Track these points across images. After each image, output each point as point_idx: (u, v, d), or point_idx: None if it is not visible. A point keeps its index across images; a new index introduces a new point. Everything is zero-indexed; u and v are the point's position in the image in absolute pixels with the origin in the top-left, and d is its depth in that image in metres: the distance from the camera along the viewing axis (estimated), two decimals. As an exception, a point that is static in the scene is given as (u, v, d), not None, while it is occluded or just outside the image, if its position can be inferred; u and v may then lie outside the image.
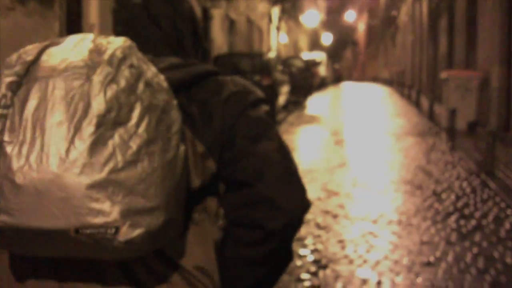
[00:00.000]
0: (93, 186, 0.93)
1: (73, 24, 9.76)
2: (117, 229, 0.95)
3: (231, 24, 20.75)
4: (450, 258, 4.54)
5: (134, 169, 0.96)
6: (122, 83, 0.98)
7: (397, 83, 27.77)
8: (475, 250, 4.70)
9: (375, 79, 49.60)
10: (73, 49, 1.02)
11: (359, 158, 9.05)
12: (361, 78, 60.67)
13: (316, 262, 4.49)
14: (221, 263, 1.19)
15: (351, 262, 4.50)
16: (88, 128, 0.94)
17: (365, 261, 4.50)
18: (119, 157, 0.95)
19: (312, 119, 15.07)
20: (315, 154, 9.55)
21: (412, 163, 8.57)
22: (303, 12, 39.63)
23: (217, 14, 17.65)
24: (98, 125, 0.94)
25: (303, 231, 5.29)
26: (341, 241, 4.99)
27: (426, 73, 22.53)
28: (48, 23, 8.60)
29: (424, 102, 18.09)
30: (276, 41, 23.72)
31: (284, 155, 1.25)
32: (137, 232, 0.96)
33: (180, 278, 1.13)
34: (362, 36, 71.75)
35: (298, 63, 24.84)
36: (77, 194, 0.93)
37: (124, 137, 0.96)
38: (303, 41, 48.27)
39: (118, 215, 0.94)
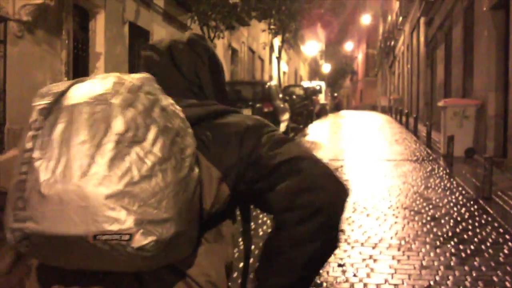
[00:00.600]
0: (111, 196, 1.03)
1: (80, 52, 9.95)
2: (131, 236, 1.04)
3: (233, 53, 21.02)
4: (450, 282, 4.60)
5: (149, 183, 1.06)
6: (140, 107, 1.11)
7: (395, 110, 27.98)
8: (474, 274, 4.76)
9: (373, 107, 49.91)
10: (99, 82, 1.16)
11: (359, 184, 9.12)
12: (360, 106, 61.01)
13: (317, 286, 4.55)
14: (278, 250, 1.23)
15: (352, 286, 4.55)
16: (108, 145, 1.06)
17: (365, 285, 4.56)
18: (135, 172, 1.06)
19: (312, 145, 15.18)
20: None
21: (410, 188, 8.64)
22: (303, 42, 40.08)
23: (219, 44, 17.91)
24: (117, 143, 1.06)
25: (304, 255, 5.35)
26: (341, 265, 5.05)
27: (423, 101, 22.74)
28: (55, 51, 8.77)
29: (422, 129, 18.24)
30: (277, 69, 23.96)
31: (306, 149, 1.35)
32: (149, 239, 1.05)
33: None
34: (360, 65, 72.40)
35: (298, 91, 25.08)
36: (96, 203, 1.03)
37: (140, 154, 1.07)
38: (303, 70, 48.69)
39: (132, 224, 1.04)
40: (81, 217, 1.03)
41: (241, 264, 1.48)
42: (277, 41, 26.05)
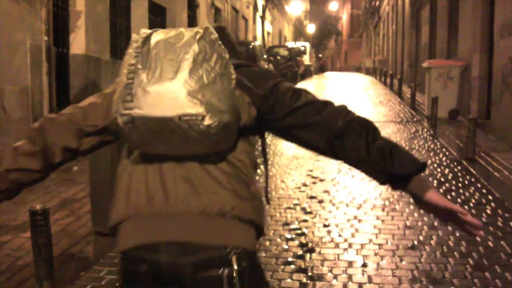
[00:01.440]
0: (190, 92, 1.55)
1: (60, 11, 9.70)
2: (203, 118, 1.55)
3: (216, 12, 20.70)
4: (433, 242, 4.65)
5: (213, 86, 1.58)
6: (208, 40, 1.63)
7: (379, 72, 27.94)
8: (457, 234, 4.82)
9: (358, 68, 49.81)
10: (173, 30, 1.69)
11: (343, 146, 9.14)
12: (344, 67, 60.87)
13: (302, 245, 4.58)
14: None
15: (337, 246, 4.59)
16: (188, 61, 1.58)
17: (350, 245, 4.59)
18: (205, 79, 1.58)
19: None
20: (300, 142, 9.61)
21: (395, 150, 8.67)
22: (287, 2, 39.58)
23: (202, 3, 17.60)
24: (194, 60, 1.58)
25: (289, 216, 5.38)
26: (327, 226, 5.08)
27: (408, 62, 22.70)
28: (35, 10, 8.54)
29: (406, 91, 18.27)
30: (261, 29, 23.69)
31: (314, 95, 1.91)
32: (214, 120, 1.56)
33: (228, 164, 1.73)
34: (345, 26, 71.90)
35: (282, 52, 24.88)
36: (181, 96, 1.55)
37: (207, 69, 1.59)
38: (288, 31, 48.24)
39: (204, 110, 1.55)
40: (171, 105, 1.55)
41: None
42: (261, 0, 25.69)
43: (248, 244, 1.69)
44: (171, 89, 1.54)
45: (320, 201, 5.87)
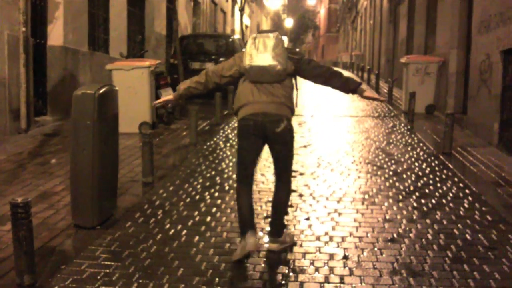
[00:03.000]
0: (272, 57, 3.98)
1: (38, 1, 9.57)
2: (276, 66, 3.99)
3: (195, 5, 20.58)
4: (412, 235, 4.72)
5: (282, 60, 4.03)
6: (277, 38, 4.06)
7: (356, 67, 28.09)
8: (436, 227, 4.90)
9: (335, 63, 49.98)
10: (268, 32, 4.13)
11: (322, 140, 9.20)
12: (321, 62, 60.98)
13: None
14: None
15: (318, 239, 4.62)
16: (271, 46, 3.99)
17: (331, 238, 4.63)
18: (277, 52, 4.00)
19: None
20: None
21: (373, 144, 8.76)
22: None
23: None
24: (273, 45, 4.00)
25: (270, 209, 5.38)
26: (307, 219, 5.11)
27: (385, 57, 22.86)
28: (13, 1, 8.42)
29: (383, 86, 18.42)
30: (240, 23, 23.61)
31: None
32: (279, 68, 4.00)
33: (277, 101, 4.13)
34: (322, 20, 72.06)
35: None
36: (269, 58, 3.98)
37: (277, 49, 4.00)
38: (266, 24, 48.21)
39: (277, 63, 3.99)
40: (265, 61, 3.98)
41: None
42: (240, -6, 25.63)
43: (289, 115, 4.17)
44: (265, 56, 3.96)
45: (301, 195, 5.91)
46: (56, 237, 4.52)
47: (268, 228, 4.55)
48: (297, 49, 5.61)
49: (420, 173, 6.88)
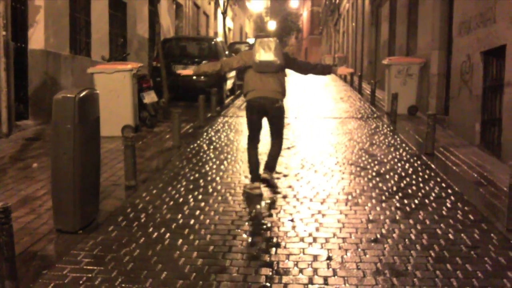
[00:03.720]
0: (274, 55, 5.91)
1: (19, 5, 9.48)
2: (277, 61, 5.93)
3: (177, 8, 20.54)
4: (395, 235, 4.74)
5: (278, 54, 5.96)
6: (277, 41, 6.02)
7: (340, 69, 28.19)
8: (419, 227, 4.92)
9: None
10: (269, 38, 6.11)
11: (306, 141, 9.21)
12: (305, 64, 61.12)
13: (268, 240, 4.60)
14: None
15: (301, 240, 4.62)
16: (274, 50, 5.90)
17: (315, 239, 4.63)
18: (277, 52, 5.92)
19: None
20: (263, 137, 9.63)
21: (356, 145, 8.80)
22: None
23: (163, -2, 17.44)
24: (274, 47, 5.91)
25: (254, 211, 5.39)
26: (291, 221, 5.11)
27: (368, 59, 23.00)
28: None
29: (366, 87, 18.51)
30: (223, 25, 23.60)
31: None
32: (279, 63, 5.94)
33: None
34: (305, 23, 72.29)
35: (244, 48, 24.84)
36: (272, 56, 5.91)
37: (277, 50, 5.93)
38: (249, 27, 48.23)
39: (277, 59, 5.93)
40: (269, 57, 5.91)
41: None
42: (222, -3, 25.63)
43: (281, 98, 6.11)
44: (269, 54, 5.88)
45: (284, 196, 5.91)
46: (37, 242, 4.47)
47: (253, 230, 4.55)
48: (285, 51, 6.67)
49: (403, 174, 6.91)
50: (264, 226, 4.95)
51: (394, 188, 6.23)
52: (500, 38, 7.53)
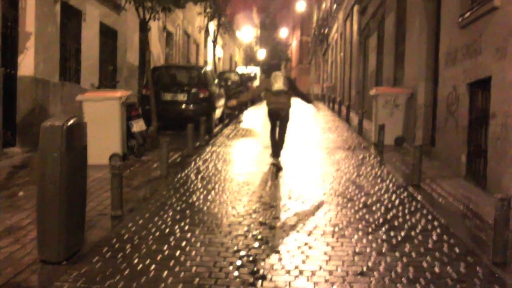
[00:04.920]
0: (283, 85, 9.69)
1: (9, 31, 9.51)
2: (285, 88, 9.69)
3: (168, 36, 20.68)
4: (382, 268, 4.73)
5: (285, 83, 9.72)
6: (285, 74, 9.97)
7: (328, 98, 28.43)
8: (405, 260, 4.92)
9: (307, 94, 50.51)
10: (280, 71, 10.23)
11: (293, 171, 9.23)
12: (294, 92, 61.61)
13: (253, 273, 4.57)
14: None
15: (288, 272, 4.60)
16: (282, 79, 9.68)
17: (301, 272, 4.62)
18: (285, 82, 9.69)
19: (247, 133, 15.23)
20: (251, 167, 9.67)
21: (343, 176, 8.83)
22: (239, 27, 39.94)
23: (154, 26, 17.56)
24: (282, 78, 9.78)
25: (240, 243, 5.37)
26: (277, 252, 5.10)
27: (355, 89, 23.21)
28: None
29: (354, 118, 18.63)
30: (213, 54, 23.78)
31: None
32: (286, 89, 9.71)
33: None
34: (294, 52, 72.99)
35: (233, 77, 25.04)
36: (281, 85, 9.65)
37: (284, 80, 9.72)
38: (239, 56, 48.61)
39: (286, 88, 9.71)
40: (280, 87, 9.64)
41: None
42: (212, 25, 25.87)
43: (288, 109, 9.83)
44: (279, 85, 9.59)
45: (271, 228, 5.90)
46: (21, 272, 4.42)
47: (238, 262, 4.53)
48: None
49: (389, 205, 6.93)
50: (251, 258, 4.93)
51: (381, 220, 6.24)
52: (486, 69, 7.65)
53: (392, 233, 5.73)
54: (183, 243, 5.31)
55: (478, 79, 8.04)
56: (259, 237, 5.57)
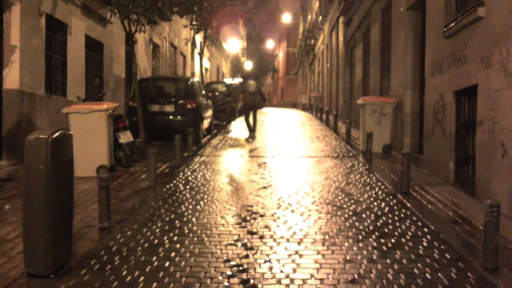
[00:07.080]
0: (255, 90, 16.17)
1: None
2: (256, 91, 16.26)
3: (154, 48, 20.65)
4: (373, 275, 4.71)
5: (257, 89, 16.39)
6: (256, 82, 16.59)
7: (315, 108, 28.52)
8: (396, 267, 4.91)
9: (294, 104, 50.65)
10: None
11: (282, 180, 9.21)
12: (281, 103, 61.74)
13: (244, 282, 4.53)
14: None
15: (278, 281, 4.57)
16: (255, 87, 16.19)
17: (292, 281, 4.58)
18: (257, 89, 16.30)
19: (235, 143, 15.19)
20: (240, 177, 9.63)
21: (332, 184, 8.82)
22: (225, 39, 40.02)
23: (140, 38, 17.53)
24: (256, 86, 16.19)
25: (230, 252, 5.33)
26: (268, 262, 5.06)
27: (343, 99, 23.30)
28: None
29: (342, 126, 18.69)
30: (199, 66, 23.78)
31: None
32: (256, 90, 16.24)
33: None
34: (281, 63, 73.24)
35: (221, 88, 25.03)
36: (255, 91, 16.22)
37: (256, 87, 16.28)
38: (226, 67, 48.68)
39: (256, 90, 16.43)
40: (254, 90, 16.11)
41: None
42: (199, 38, 25.89)
43: (257, 103, 16.50)
44: (253, 88, 15.91)
45: (261, 237, 5.86)
46: (7, 286, 4.34)
47: (229, 272, 4.49)
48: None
49: (379, 213, 6.92)
50: (241, 268, 4.89)
51: (371, 227, 6.23)
52: (472, 78, 7.69)
53: (382, 240, 5.71)
54: (173, 254, 5.26)
55: (464, 87, 8.09)
56: (249, 246, 5.53)
